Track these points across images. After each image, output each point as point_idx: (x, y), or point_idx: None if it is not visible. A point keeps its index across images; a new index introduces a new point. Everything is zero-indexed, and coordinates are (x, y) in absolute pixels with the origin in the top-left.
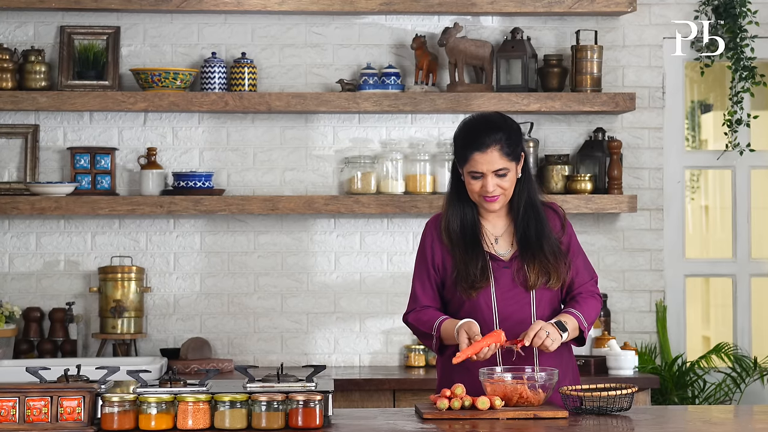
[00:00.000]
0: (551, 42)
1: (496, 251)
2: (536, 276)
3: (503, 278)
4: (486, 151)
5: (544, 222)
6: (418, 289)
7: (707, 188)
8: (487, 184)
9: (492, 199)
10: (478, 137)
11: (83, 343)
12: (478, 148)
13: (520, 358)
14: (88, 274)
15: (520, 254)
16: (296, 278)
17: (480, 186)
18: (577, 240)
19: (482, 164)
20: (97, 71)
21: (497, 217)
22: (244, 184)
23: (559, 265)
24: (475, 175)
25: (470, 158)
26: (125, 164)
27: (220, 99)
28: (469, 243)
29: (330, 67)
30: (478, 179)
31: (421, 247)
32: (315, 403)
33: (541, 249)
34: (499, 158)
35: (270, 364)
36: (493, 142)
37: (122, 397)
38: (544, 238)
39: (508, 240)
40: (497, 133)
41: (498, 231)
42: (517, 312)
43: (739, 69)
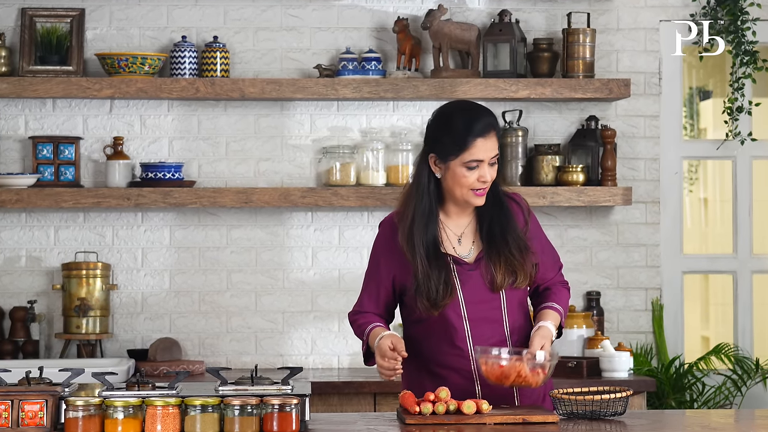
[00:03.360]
0: (541, 25)
1: (459, 253)
2: (503, 276)
3: (471, 282)
4: (487, 136)
5: (509, 216)
6: (365, 294)
7: (706, 180)
8: (486, 173)
9: (483, 192)
10: (479, 121)
11: (46, 344)
12: (481, 133)
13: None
14: (51, 270)
15: (485, 253)
16: (271, 275)
17: (476, 177)
18: (542, 231)
19: (484, 151)
20: (61, 56)
21: (460, 215)
22: (216, 175)
23: (525, 262)
24: (472, 164)
25: (471, 145)
26: (90, 154)
27: (190, 85)
28: (431, 254)
29: (307, 51)
30: (474, 170)
31: (375, 251)
32: (291, 407)
33: (507, 245)
34: (496, 144)
35: (243, 366)
36: (492, 126)
37: (87, 401)
38: (510, 233)
39: (471, 238)
40: (491, 117)
41: (460, 229)
42: (488, 316)
43: (740, 53)
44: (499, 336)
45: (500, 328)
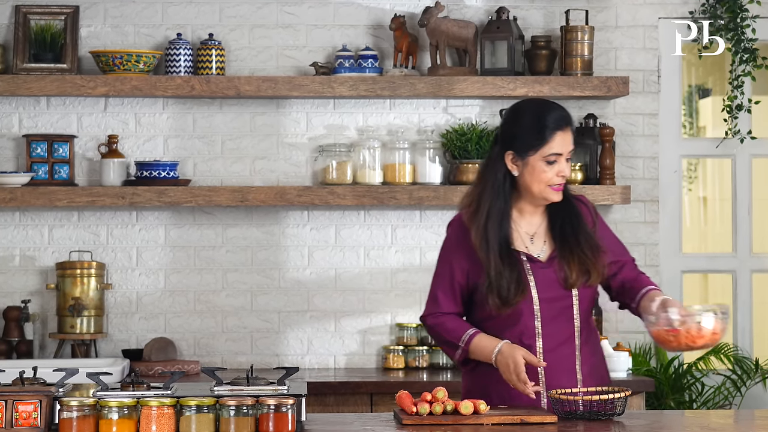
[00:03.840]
0: (539, 22)
1: (531, 251)
2: (577, 274)
3: (544, 280)
4: (566, 129)
5: (579, 216)
6: (440, 293)
7: (705, 178)
8: (564, 167)
9: (560, 188)
10: (558, 115)
11: (40, 344)
12: (560, 126)
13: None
14: (45, 269)
15: (558, 252)
16: (267, 274)
17: (555, 171)
18: (610, 230)
19: (563, 145)
20: (55, 53)
21: (534, 214)
22: (212, 174)
23: (597, 261)
24: (551, 159)
25: (551, 139)
26: (85, 153)
27: (185, 83)
28: (504, 252)
29: (303, 49)
30: (552, 164)
31: (445, 251)
32: (287, 407)
33: (579, 244)
34: (572, 139)
35: (239, 366)
36: (570, 121)
37: (81, 402)
38: (581, 233)
39: (543, 238)
40: (566, 112)
41: (533, 228)
42: (560, 314)
43: (739, 51)
44: (569, 334)
45: (570, 326)
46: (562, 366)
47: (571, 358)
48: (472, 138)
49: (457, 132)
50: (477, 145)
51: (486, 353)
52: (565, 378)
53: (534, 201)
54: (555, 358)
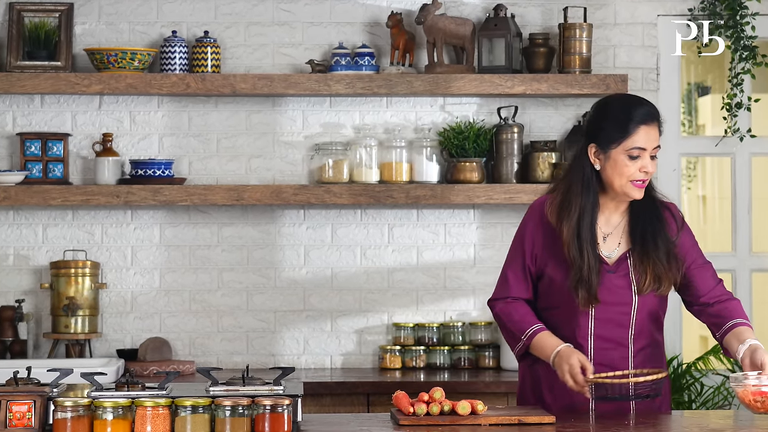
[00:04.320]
0: (537, 20)
1: (602, 251)
2: (649, 281)
3: (606, 283)
4: (652, 124)
5: (662, 220)
6: (511, 277)
7: (705, 177)
8: (648, 163)
9: (643, 185)
10: (645, 110)
11: (34, 344)
12: (645, 120)
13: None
14: (39, 269)
15: (632, 254)
16: (263, 274)
17: (638, 167)
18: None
19: (648, 140)
20: (49, 51)
21: (614, 212)
22: (207, 172)
23: (671, 269)
24: (634, 153)
25: (635, 132)
26: (79, 151)
27: (181, 81)
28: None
29: (299, 46)
30: (635, 159)
31: (521, 233)
32: (283, 408)
33: (656, 248)
34: (658, 135)
35: (234, 366)
36: (656, 116)
37: (76, 402)
38: (660, 237)
39: (616, 239)
40: (654, 107)
41: (609, 228)
42: (615, 318)
43: (739, 49)
44: (622, 338)
45: (624, 332)
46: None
47: (623, 362)
48: (469, 136)
49: (455, 130)
50: (474, 144)
51: (546, 353)
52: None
53: (616, 197)
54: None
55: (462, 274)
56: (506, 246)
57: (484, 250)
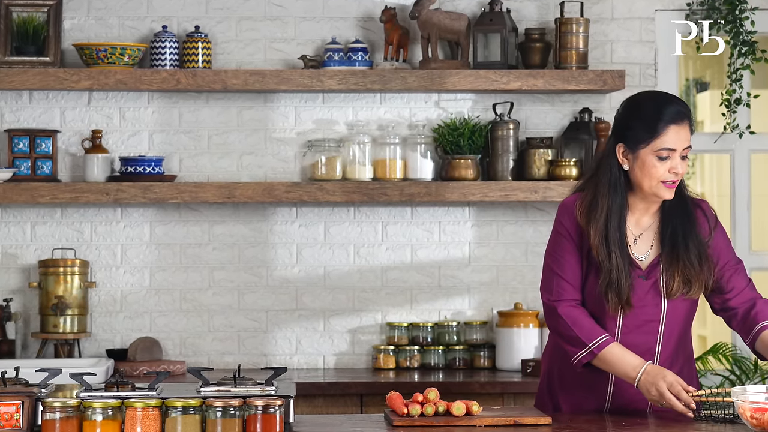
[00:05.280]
0: (533, 14)
1: (634, 254)
2: (678, 284)
3: (638, 288)
4: (682, 124)
5: (693, 221)
6: (567, 280)
7: (703, 174)
8: (678, 164)
9: (673, 185)
10: (675, 109)
11: (22, 343)
12: (675, 120)
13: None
14: (27, 267)
15: (663, 257)
16: (254, 272)
17: (667, 168)
18: (730, 245)
19: (677, 140)
20: (37, 46)
21: (644, 213)
22: (198, 169)
23: (702, 271)
24: (663, 154)
25: (664, 132)
26: (68, 148)
27: (171, 77)
28: (622, 249)
29: (291, 41)
30: (665, 160)
31: (563, 236)
32: (275, 408)
33: (687, 250)
34: (689, 135)
35: (226, 366)
36: (687, 116)
37: (65, 403)
38: (692, 238)
39: (648, 241)
40: (685, 106)
41: (640, 229)
42: (643, 324)
43: (738, 44)
44: (650, 345)
45: (653, 339)
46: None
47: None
48: (464, 133)
49: (449, 127)
50: (469, 140)
51: (625, 369)
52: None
53: (645, 198)
54: None
55: (457, 272)
56: (501, 244)
57: (479, 248)
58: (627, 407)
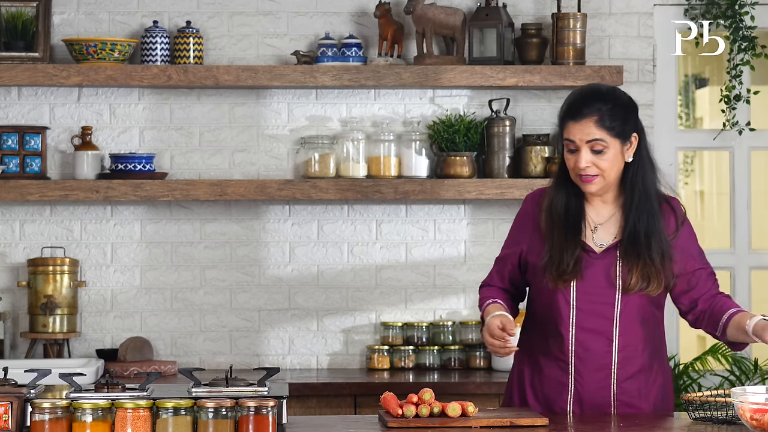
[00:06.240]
0: (529, 9)
1: (594, 241)
2: (637, 279)
3: (591, 272)
4: (581, 120)
5: (657, 218)
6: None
7: (702, 171)
8: (580, 158)
9: (587, 179)
10: (575, 105)
11: (11, 343)
12: (573, 116)
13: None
14: (16, 266)
15: (623, 251)
16: (247, 271)
17: (575, 161)
18: (697, 242)
19: (575, 134)
20: (26, 42)
21: (602, 203)
22: (189, 167)
23: (663, 270)
24: (569, 146)
25: (565, 126)
26: (57, 145)
27: (162, 72)
28: (569, 229)
29: (284, 37)
30: (573, 152)
31: (514, 224)
32: (267, 409)
33: (649, 248)
34: (596, 130)
35: (218, 367)
36: (591, 111)
37: (54, 403)
38: (654, 236)
39: (610, 231)
40: (598, 102)
41: (600, 219)
42: (598, 310)
43: (737, 39)
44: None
45: (609, 324)
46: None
47: (607, 355)
48: (460, 129)
49: (445, 123)
50: (465, 137)
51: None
52: (596, 374)
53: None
54: (588, 352)
55: (452, 271)
56: (498, 242)
57: (475, 246)
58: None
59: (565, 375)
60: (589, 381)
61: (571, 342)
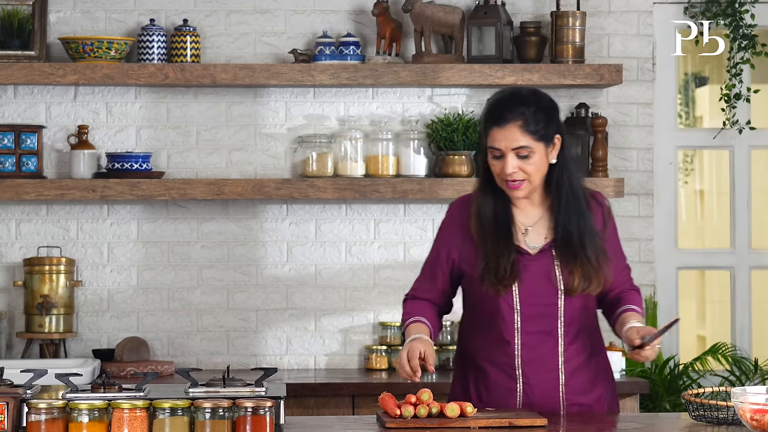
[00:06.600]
0: (528, 7)
1: (527, 243)
2: (578, 281)
3: (529, 274)
4: (504, 126)
5: (587, 217)
6: (422, 279)
7: (702, 171)
8: (506, 164)
9: (514, 185)
10: (498, 111)
11: (7, 343)
12: (497, 122)
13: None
14: (12, 266)
15: (559, 254)
16: (244, 271)
17: (500, 167)
18: (617, 235)
19: (500, 141)
20: (22, 40)
21: (529, 206)
22: (186, 166)
23: (601, 268)
24: (494, 153)
25: (489, 133)
26: (53, 144)
27: (159, 71)
28: (501, 233)
29: (282, 35)
30: (498, 159)
31: (439, 233)
32: (265, 410)
33: (584, 249)
34: (521, 135)
35: (215, 367)
36: (515, 116)
37: (50, 404)
38: (587, 236)
39: (541, 233)
40: (521, 107)
41: (529, 221)
42: (542, 312)
43: (737, 38)
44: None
45: (554, 323)
46: (541, 364)
47: (553, 357)
48: (458, 128)
49: (443, 122)
50: (463, 136)
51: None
52: (544, 376)
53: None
54: (535, 355)
55: None
56: None
57: None
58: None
59: (512, 380)
60: (537, 383)
61: (518, 346)
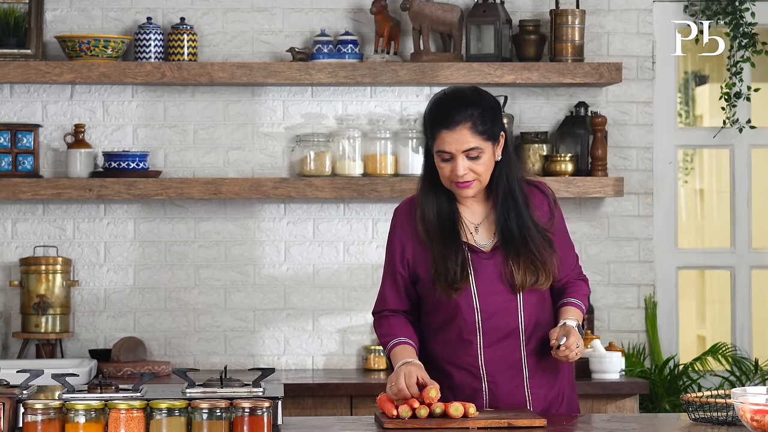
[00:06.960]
0: (527, 6)
1: (476, 241)
2: (523, 276)
3: (485, 272)
4: (455, 128)
5: (524, 212)
6: (386, 287)
7: (702, 170)
8: (457, 167)
9: (464, 185)
10: (446, 113)
11: (3, 344)
12: (446, 125)
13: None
14: (9, 265)
15: (504, 252)
16: (241, 270)
17: (450, 169)
18: (565, 224)
19: (451, 143)
20: (18, 38)
21: (475, 203)
22: (183, 165)
23: (547, 261)
24: (444, 156)
25: (438, 137)
26: (50, 143)
27: (156, 69)
28: (447, 235)
29: (279, 33)
30: (448, 161)
31: (390, 239)
32: (263, 410)
33: (526, 244)
34: (471, 137)
35: (212, 367)
36: (464, 118)
37: (47, 404)
38: (528, 230)
39: (490, 229)
40: (468, 108)
41: (477, 218)
42: (502, 309)
43: (738, 36)
44: (513, 328)
45: (514, 320)
46: (505, 362)
47: (516, 353)
48: None
49: None
50: None
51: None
52: (508, 373)
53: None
54: (497, 354)
55: None
56: None
57: None
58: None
59: (477, 380)
60: (502, 382)
61: (480, 346)
